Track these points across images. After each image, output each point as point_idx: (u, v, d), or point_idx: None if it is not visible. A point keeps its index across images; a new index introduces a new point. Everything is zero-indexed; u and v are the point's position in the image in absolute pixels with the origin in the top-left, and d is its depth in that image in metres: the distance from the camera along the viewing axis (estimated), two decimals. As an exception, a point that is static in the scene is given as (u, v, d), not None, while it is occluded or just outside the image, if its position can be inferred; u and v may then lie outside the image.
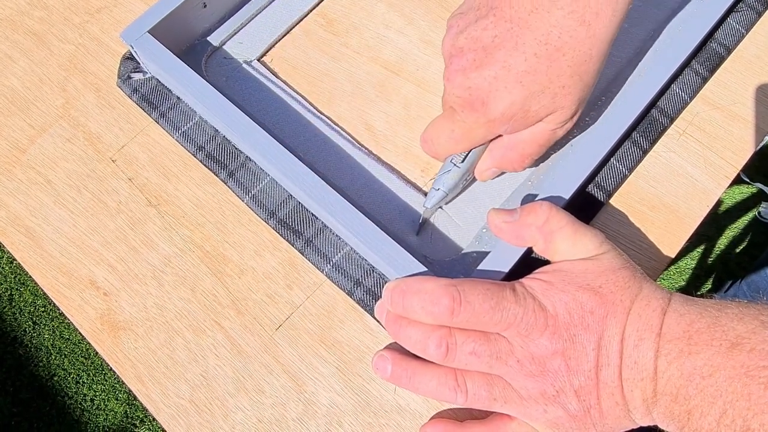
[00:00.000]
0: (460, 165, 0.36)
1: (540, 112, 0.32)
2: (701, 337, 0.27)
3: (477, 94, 0.32)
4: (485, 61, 0.31)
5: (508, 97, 0.31)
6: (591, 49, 0.31)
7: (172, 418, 0.36)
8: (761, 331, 0.26)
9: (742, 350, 0.26)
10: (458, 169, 0.36)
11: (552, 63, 0.31)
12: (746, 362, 0.26)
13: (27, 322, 1.27)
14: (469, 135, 0.34)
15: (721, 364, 0.26)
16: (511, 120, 0.33)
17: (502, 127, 0.33)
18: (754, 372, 0.25)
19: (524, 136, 0.34)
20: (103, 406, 1.21)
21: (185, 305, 0.38)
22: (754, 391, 0.25)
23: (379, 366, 0.32)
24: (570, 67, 0.31)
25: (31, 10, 0.46)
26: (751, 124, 0.41)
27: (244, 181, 0.39)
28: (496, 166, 0.36)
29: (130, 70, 0.43)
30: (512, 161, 0.35)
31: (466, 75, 0.32)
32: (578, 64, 0.31)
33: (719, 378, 0.26)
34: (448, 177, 0.36)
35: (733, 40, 0.42)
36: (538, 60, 0.31)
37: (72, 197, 0.41)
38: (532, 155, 0.35)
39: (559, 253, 0.32)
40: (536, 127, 0.34)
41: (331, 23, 0.45)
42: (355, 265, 0.37)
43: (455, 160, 0.36)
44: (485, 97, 0.32)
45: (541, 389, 0.29)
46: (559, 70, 0.31)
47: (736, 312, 0.28)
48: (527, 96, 0.31)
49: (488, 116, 0.32)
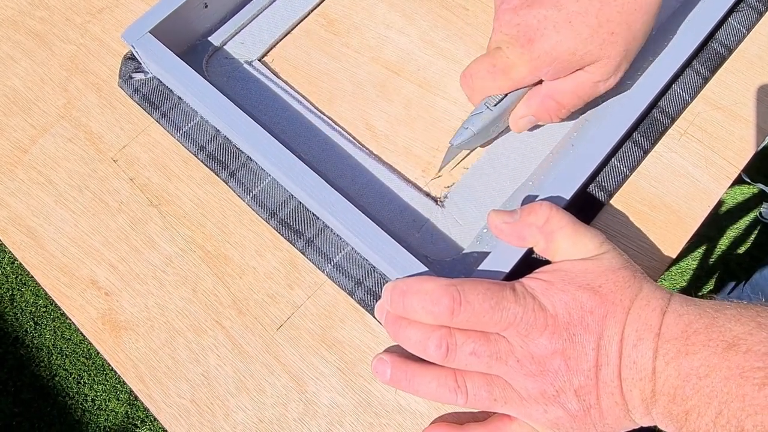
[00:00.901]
0: (493, 108, 0.35)
1: (585, 57, 0.32)
2: (698, 337, 0.27)
3: (525, 31, 0.32)
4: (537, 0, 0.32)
5: (555, 36, 0.31)
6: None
7: (174, 418, 0.36)
8: (758, 333, 0.26)
9: (738, 351, 0.26)
10: (490, 112, 0.35)
11: (603, 6, 0.31)
12: (741, 363, 0.26)
13: (28, 322, 1.28)
14: (510, 71, 0.33)
15: (717, 364, 0.26)
16: (555, 62, 0.32)
17: (545, 68, 0.33)
18: (749, 373, 0.25)
19: (566, 86, 0.34)
20: (104, 406, 1.22)
21: (186, 305, 0.38)
22: (748, 392, 0.25)
23: (378, 369, 0.32)
24: (620, 13, 0.31)
25: (32, 10, 0.46)
26: (752, 125, 0.41)
27: (245, 181, 0.39)
28: (533, 114, 0.35)
29: (132, 71, 0.43)
30: (549, 110, 0.35)
31: (516, 12, 0.32)
32: (628, 12, 0.31)
33: (715, 379, 0.26)
34: (479, 118, 0.36)
35: (734, 40, 0.42)
36: (590, 2, 0.31)
37: (73, 197, 0.41)
38: (569, 106, 0.35)
39: (559, 253, 0.32)
40: (579, 76, 0.33)
41: (332, 23, 0.45)
42: (356, 265, 0.37)
43: (489, 102, 0.35)
44: (533, 34, 0.31)
45: (541, 389, 0.29)
46: (609, 15, 0.31)
47: (734, 313, 0.28)
48: (575, 38, 0.31)
49: (533, 53, 0.32)
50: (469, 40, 0.44)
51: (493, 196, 0.39)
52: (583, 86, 0.34)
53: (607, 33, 0.31)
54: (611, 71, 0.33)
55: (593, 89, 0.34)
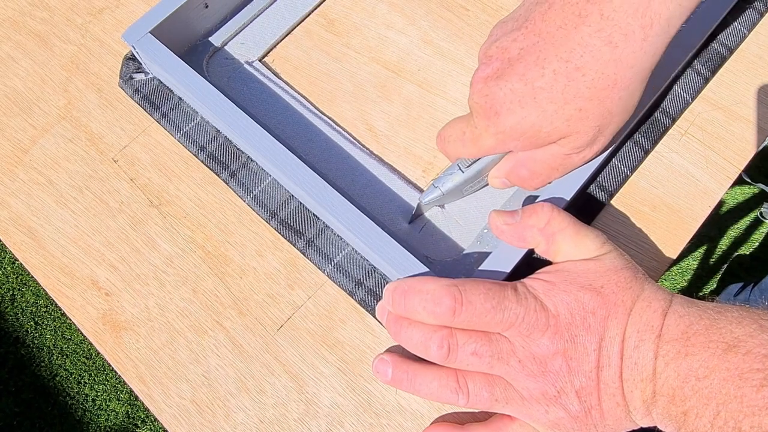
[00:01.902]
0: (464, 170, 0.36)
1: (552, 133, 0.31)
2: (699, 339, 0.27)
3: (492, 104, 0.31)
4: (506, 72, 0.31)
5: (520, 112, 0.31)
6: (616, 73, 0.29)
7: (174, 418, 0.36)
8: (758, 335, 0.26)
9: (738, 353, 0.26)
10: (461, 174, 0.36)
11: (570, 82, 0.29)
12: (740, 365, 0.26)
13: (29, 323, 1.28)
14: (477, 141, 0.33)
15: (716, 366, 0.26)
16: (522, 137, 0.32)
17: (512, 142, 0.32)
18: (748, 374, 0.25)
19: (537, 155, 0.33)
20: (104, 406, 1.22)
21: (187, 305, 0.38)
22: (746, 393, 0.25)
23: (379, 369, 0.32)
24: (589, 89, 0.30)
25: (33, 10, 0.46)
26: (752, 125, 0.41)
27: (246, 182, 0.39)
28: (506, 178, 0.35)
29: (132, 71, 0.43)
30: (522, 178, 0.34)
31: (487, 83, 0.31)
32: (599, 88, 0.30)
33: (714, 380, 0.26)
34: (449, 179, 0.36)
35: (735, 41, 0.42)
36: (555, 77, 0.30)
37: (74, 197, 0.41)
38: (543, 176, 0.34)
39: (561, 255, 0.32)
40: (550, 148, 0.33)
41: (333, 23, 0.45)
42: (356, 265, 0.37)
43: (462, 164, 0.36)
44: (499, 108, 0.31)
45: (543, 390, 0.29)
46: (577, 91, 0.30)
47: (736, 315, 0.28)
48: (539, 114, 0.30)
49: (498, 127, 0.32)
50: (469, 40, 0.44)
51: (493, 196, 0.39)
52: (555, 158, 0.33)
53: (574, 109, 0.30)
54: (583, 146, 0.32)
55: (567, 161, 0.33)
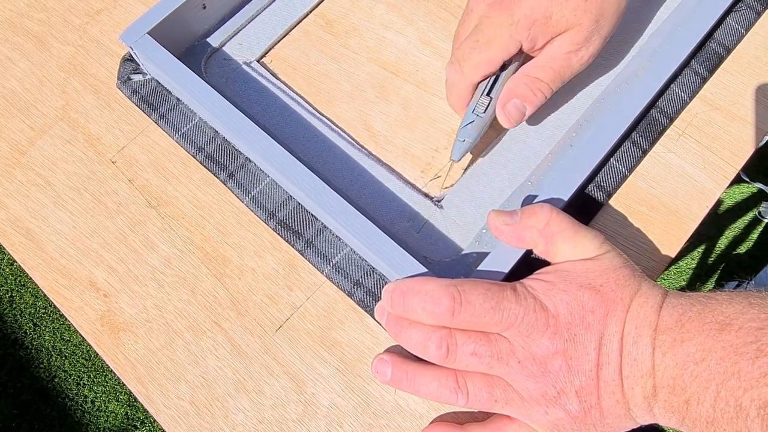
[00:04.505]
0: (482, 115, 0.37)
1: (560, 22, 0.35)
2: (693, 324, 0.27)
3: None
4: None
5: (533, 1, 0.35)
6: None
7: (173, 419, 0.36)
8: (749, 311, 0.26)
9: (731, 330, 0.26)
10: (480, 119, 0.37)
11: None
12: (734, 341, 0.26)
13: (28, 324, 1.27)
14: (493, 41, 0.36)
15: (711, 346, 0.26)
16: (533, 25, 0.35)
17: (524, 32, 0.35)
18: (743, 348, 0.25)
19: (539, 61, 0.37)
20: (103, 407, 1.22)
21: (185, 306, 0.38)
22: (743, 367, 0.25)
23: (379, 369, 0.32)
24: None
25: (30, 12, 0.46)
26: (750, 125, 0.41)
27: (244, 182, 0.39)
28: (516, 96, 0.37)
29: (130, 72, 0.43)
30: (529, 86, 0.37)
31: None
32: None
33: (711, 361, 0.26)
34: (471, 128, 0.37)
35: (732, 40, 0.42)
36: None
37: (72, 199, 0.41)
38: (548, 80, 0.37)
39: (560, 255, 0.32)
40: (550, 50, 0.36)
41: (331, 24, 0.45)
42: (355, 266, 0.37)
43: (477, 110, 0.37)
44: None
45: (543, 390, 0.29)
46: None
47: (726, 297, 0.28)
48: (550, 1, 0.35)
49: (514, 17, 0.35)
50: (468, 41, 0.44)
51: (492, 196, 0.39)
52: (556, 59, 0.37)
53: None
54: (581, 41, 0.36)
55: (566, 61, 0.37)
